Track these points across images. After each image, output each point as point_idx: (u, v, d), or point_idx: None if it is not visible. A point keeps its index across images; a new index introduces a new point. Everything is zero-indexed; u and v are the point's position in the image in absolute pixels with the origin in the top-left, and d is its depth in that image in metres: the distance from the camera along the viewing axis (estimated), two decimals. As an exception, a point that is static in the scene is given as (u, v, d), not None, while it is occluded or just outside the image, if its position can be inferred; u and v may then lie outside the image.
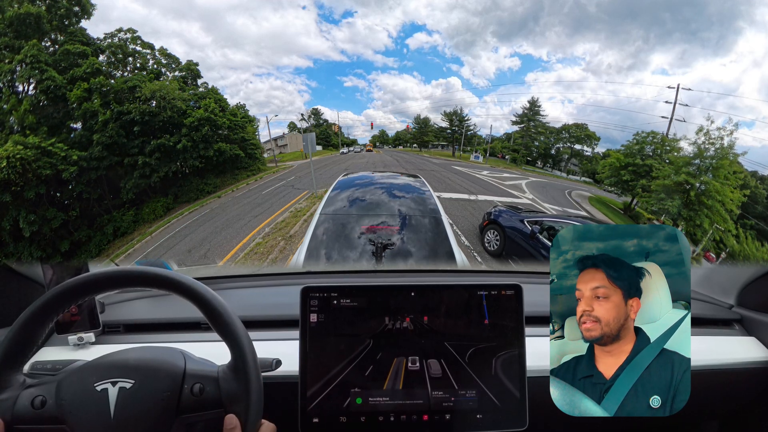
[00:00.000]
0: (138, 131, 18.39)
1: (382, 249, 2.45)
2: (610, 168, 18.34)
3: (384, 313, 0.91)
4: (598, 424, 0.80)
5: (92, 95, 17.60)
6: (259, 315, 1.27)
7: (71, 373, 0.76)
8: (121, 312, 1.30)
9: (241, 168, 21.27)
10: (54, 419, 0.71)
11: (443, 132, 35.70)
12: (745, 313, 1.39)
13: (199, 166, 19.74)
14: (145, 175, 18.40)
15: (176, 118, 19.00)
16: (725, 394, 1.26)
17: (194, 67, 21.94)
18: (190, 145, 19.29)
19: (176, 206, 18.46)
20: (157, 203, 18.42)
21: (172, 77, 21.18)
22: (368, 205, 3.08)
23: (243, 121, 22.14)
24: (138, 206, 18.36)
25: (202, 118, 19.41)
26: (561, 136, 31.35)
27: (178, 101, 18.89)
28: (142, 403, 0.73)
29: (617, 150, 20.06)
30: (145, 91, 18.43)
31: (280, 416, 0.93)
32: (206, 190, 19.61)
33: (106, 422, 0.71)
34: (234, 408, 0.75)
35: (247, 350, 0.77)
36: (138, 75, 19.53)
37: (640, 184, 16.66)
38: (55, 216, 15.95)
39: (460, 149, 33.60)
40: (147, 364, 0.77)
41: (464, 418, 0.88)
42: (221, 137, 20.56)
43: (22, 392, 0.73)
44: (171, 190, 19.23)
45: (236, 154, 20.70)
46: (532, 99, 32.52)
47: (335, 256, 2.53)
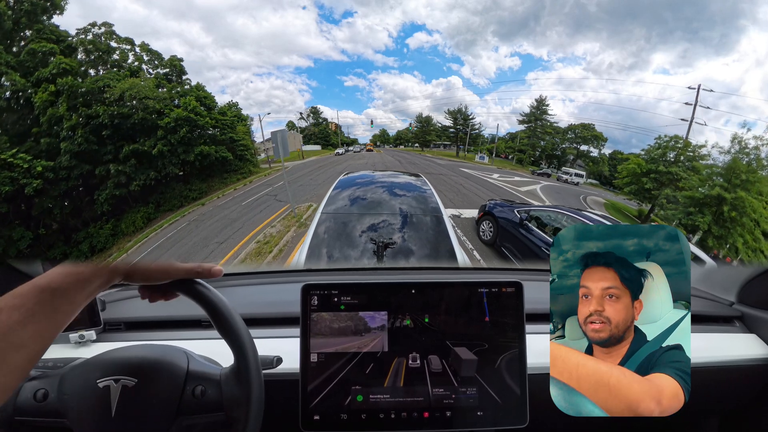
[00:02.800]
0: (108, 136, 16.54)
1: (383, 248, 2.45)
2: (630, 174, 16.77)
3: (385, 311, 0.91)
4: (599, 420, 0.80)
5: (59, 98, 15.85)
6: (260, 312, 1.27)
7: (74, 367, 0.76)
8: (122, 309, 1.30)
9: (231, 171, 19.58)
10: (55, 413, 0.71)
11: (446, 131, 35.05)
12: (745, 310, 1.39)
13: (178, 173, 17.80)
14: (120, 184, 16.60)
15: (150, 119, 17.03)
16: (726, 391, 1.26)
17: (178, 62, 20.00)
18: (167, 150, 17.31)
19: (158, 216, 16.62)
20: (137, 214, 16.62)
21: (155, 74, 19.23)
22: (369, 203, 3.08)
23: (232, 120, 20.35)
24: (118, 217, 16.60)
25: (179, 119, 17.43)
26: (567, 137, 30.51)
27: (151, 100, 16.94)
28: (144, 402, 0.73)
29: (637, 155, 18.44)
30: (114, 92, 16.60)
31: (281, 414, 0.93)
32: (191, 197, 17.67)
33: (107, 420, 0.71)
34: (235, 412, 0.75)
35: (250, 354, 0.76)
36: (111, 73, 17.53)
37: (663, 193, 15.29)
38: (22, 236, 14.30)
39: (465, 149, 32.85)
40: (150, 363, 0.77)
41: (465, 415, 0.88)
42: (205, 138, 18.61)
43: (25, 384, 0.73)
44: (152, 198, 17.40)
45: (223, 156, 18.91)
46: (540, 97, 31.61)
47: (336, 255, 2.53)
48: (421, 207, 3.01)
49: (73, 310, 0.62)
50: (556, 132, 30.65)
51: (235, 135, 20.29)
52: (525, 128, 31.71)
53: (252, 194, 16.17)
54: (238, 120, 21.70)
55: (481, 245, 6.98)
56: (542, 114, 30.99)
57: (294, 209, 11.18)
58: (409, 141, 38.89)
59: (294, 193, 13.33)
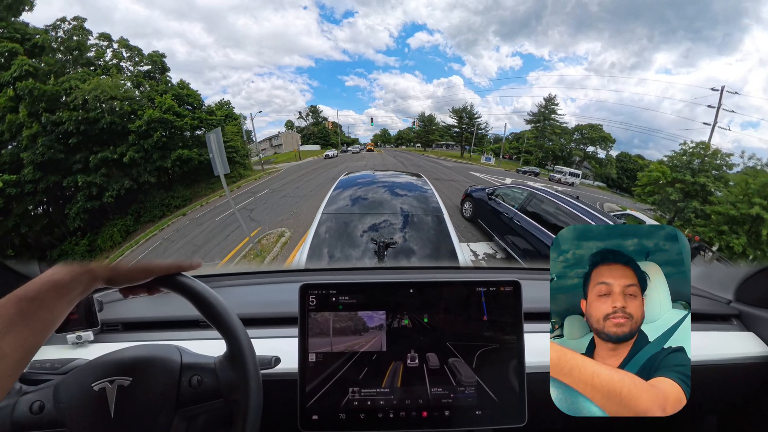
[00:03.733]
0: (75, 144, 14.68)
1: (384, 247, 2.45)
2: (652, 182, 15.31)
3: (383, 311, 0.91)
4: (597, 419, 0.80)
5: (20, 104, 14.06)
6: (258, 312, 1.27)
7: (67, 375, 0.76)
8: (119, 310, 1.30)
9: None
10: (54, 423, 0.71)
11: (450, 130, 33.93)
12: (743, 308, 1.39)
13: (153, 180, 15.73)
14: (92, 196, 14.80)
15: (119, 123, 15.12)
16: (723, 389, 1.26)
17: (158, 58, 17.99)
18: (140, 156, 15.35)
19: (138, 228, 15.05)
20: (114, 227, 14.93)
21: (136, 72, 17.21)
22: (370, 203, 3.07)
23: (220, 120, 18.39)
24: (95, 231, 14.88)
25: (152, 121, 15.50)
26: (573, 138, 29.43)
27: (118, 101, 15.05)
28: (142, 399, 0.73)
29: (659, 161, 16.73)
30: (77, 94, 14.63)
31: (279, 414, 0.93)
32: (174, 205, 15.85)
33: (107, 421, 0.71)
34: (233, 396, 0.76)
35: (242, 338, 0.77)
36: (78, 74, 15.46)
37: (691, 206, 13.78)
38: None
39: (471, 150, 31.71)
40: (143, 361, 0.77)
41: (463, 414, 0.88)
42: (185, 141, 16.64)
43: (20, 399, 0.73)
44: (132, 208, 15.58)
45: (209, 159, 17.41)
46: (549, 96, 30.42)
47: (337, 255, 2.53)
48: (422, 207, 3.01)
49: (54, 318, 0.62)
50: (563, 132, 29.68)
51: (223, 136, 19.20)
52: (531, 128, 30.62)
53: (225, 208, 14.13)
54: (229, 119, 20.16)
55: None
56: (551, 113, 30.12)
57: (256, 245, 8.77)
58: (411, 141, 38.35)
59: (269, 210, 11.43)
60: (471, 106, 33.21)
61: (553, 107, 30.47)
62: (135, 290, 0.78)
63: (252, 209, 13.05)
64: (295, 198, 13.75)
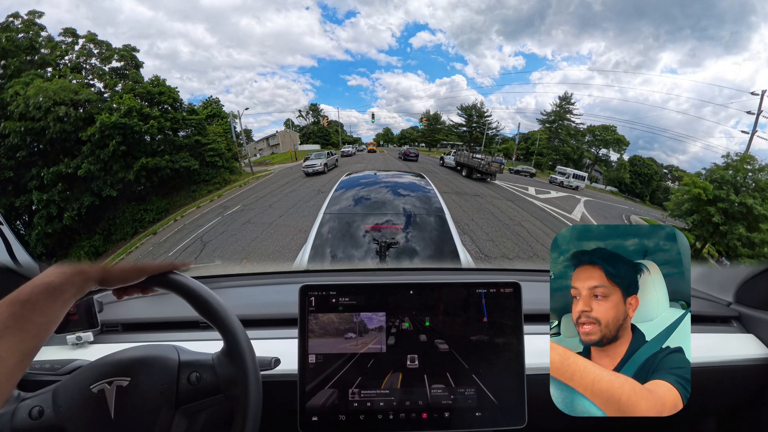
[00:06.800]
0: (25, 158, 12.54)
1: (386, 248, 2.45)
2: (690, 199, 13.09)
3: (383, 312, 0.91)
4: (597, 420, 0.80)
5: None
6: (258, 313, 1.27)
7: (65, 380, 0.76)
8: (119, 311, 1.30)
9: (201, 181, 15.29)
10: (54, 427, 0.71)
11: (457, 129, 32.11)
12: (743, 310, 1.39)
13: (114, 195, 13.70)
14: (51, 217, 12.77)
15: (69, 131, 12.88)
16: (723, 391, 1.26)
17: (128, 53, 15.42)
18: (98, 168, 13.17)
19: (108, 248, 13.20)
20: (81, 250, 13.16)
21: (110, 69, 14.91)
22: (372, 204, 3.07)
23: (200, 120, 15.98)
24: (64, 254, 13.16)
25: (106, 127, 13.11)
26: (585, 139, 27.97)
27: (64, 108, 12.59)
28: (141, 398, 0.73)
29: (697, 173, 14.52)
30: (19, 101, 12.46)
31: (279, 415, 0.93)
32: (147, 219, 13.86)
33: (108, 422, 0.71)
34: (233, 391, 0.76)
35: (239, 332, 0.77)
36: (26, 76, 13.22)
37: (737, 233, 11.62)
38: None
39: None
40: (141, 360, 0.77)
41: (463, 416, 0.88)
42: (150, 148, 14.18)
43: (19, 405, 0.73)
44: (100, 226, 13.68)
45: (185, 166, 14.40)
46: (565, 94, 28.92)
47: (339, 255, 2.53)
48: (424, 207, 3.00)
49: (48, 321, 0.62)
50: (577, 133, 28.28)
51: (203, 138, 15.73)
52: (543, 128, 29.04)
53: (199, 224, 12.12)
54: (215, 119, 17.72)
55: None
56: (566, 113, 28.60)
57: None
58: (415, 140, 37.56)
59: (221, 245, 8.78)
60: (481, 104, 31.96)
61: (569, 107, 29.15)
62: (129, 291, 0.78)
63: (208, 240, 10.66)
64: (259, 226, 10.76)
